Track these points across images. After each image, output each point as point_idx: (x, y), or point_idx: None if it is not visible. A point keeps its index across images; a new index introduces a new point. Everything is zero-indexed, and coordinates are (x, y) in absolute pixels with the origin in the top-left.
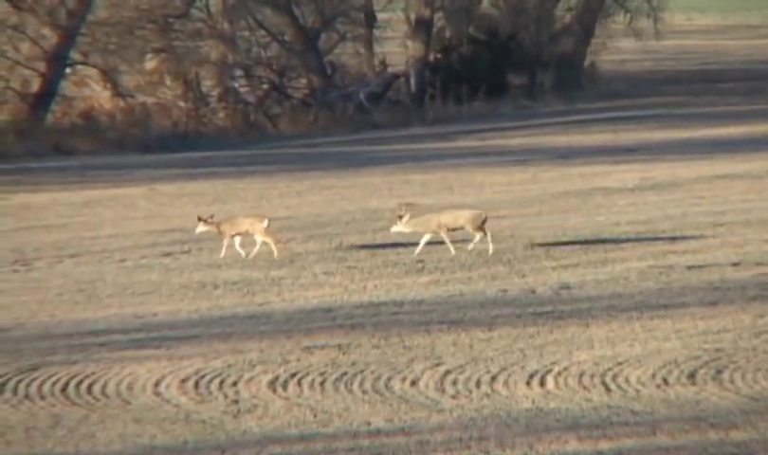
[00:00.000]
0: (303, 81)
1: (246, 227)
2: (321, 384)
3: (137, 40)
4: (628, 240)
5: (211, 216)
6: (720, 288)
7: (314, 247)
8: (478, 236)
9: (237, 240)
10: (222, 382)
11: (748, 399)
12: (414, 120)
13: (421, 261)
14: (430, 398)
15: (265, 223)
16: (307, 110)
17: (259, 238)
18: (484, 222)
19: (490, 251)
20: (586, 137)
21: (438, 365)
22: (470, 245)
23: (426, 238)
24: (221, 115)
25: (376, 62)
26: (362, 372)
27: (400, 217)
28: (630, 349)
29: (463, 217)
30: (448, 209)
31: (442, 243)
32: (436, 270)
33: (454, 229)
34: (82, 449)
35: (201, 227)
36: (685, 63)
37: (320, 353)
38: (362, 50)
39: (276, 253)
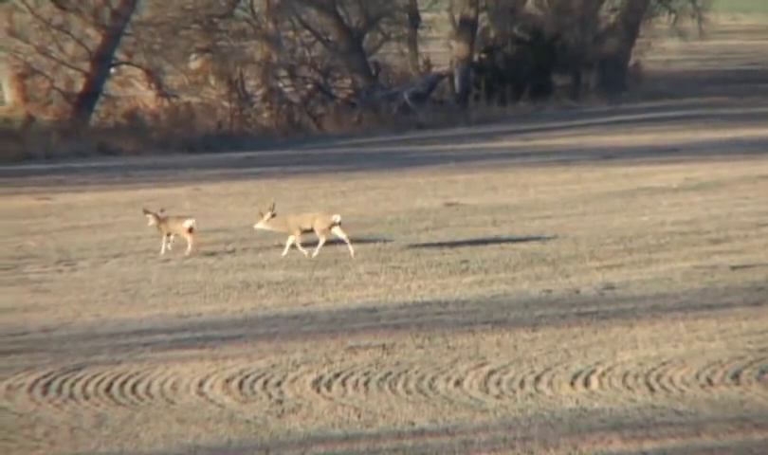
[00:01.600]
0: (348, 81)
1: (172, 227)
2: (365, 384)
3: (182, 40)
4: (672, 240)
5: (162, 210)
6: (764, 288)
7: (358, 247)
8: (322, 240)
9: (171, 238)
10: (266, 382)
11: None
12: (459, 121)
13: (465, 261)
14: (474, 398)
15: (186, 223)
16: (351, 110)
17: (187, 236)
18: (333, 225)
19: (352, 253)
20: (630, 138)
21: (482, 365)
22: (315, 251)
23: (290, 239)
24: (265, 115)
25: (421, 62)
26: (406, 372)
27: (261, 214)
28: (674, 349)
29: (313, 219)
30: (305, 211)
31: (485, 243)
32: (480, 270)
33: (307, 231)
34: (127, 449)
35: (151, 221)
36: (729, 64)
37: (365, 353)
38: (406, 50)
39: (188, 252)
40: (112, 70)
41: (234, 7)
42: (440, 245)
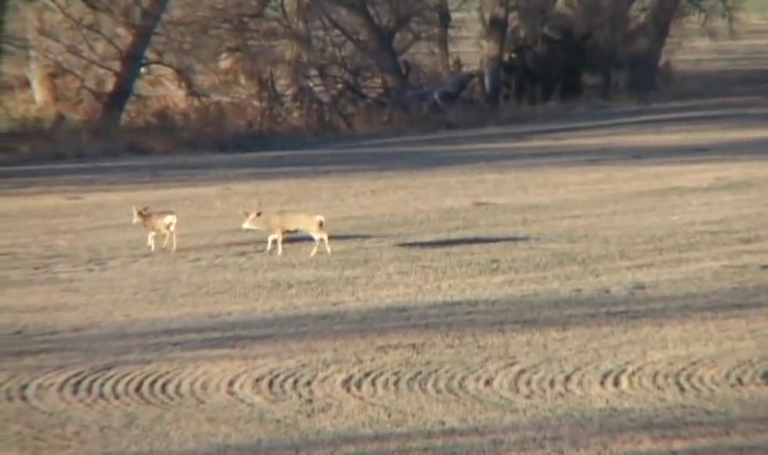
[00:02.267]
0: (378, 80)
1: (154, 223)
2: (395, 383)
3: (212, 39)
4: (702, 240)
5: (145, 208)
6: None
7: (388, 247)
8: (317, 237)
9: (152, 234)
10: (296, 381)
11: None
12: (489, 120)
13: (495, 260)
14: (504, 398)
15: (167, 219)
16: (382, 110)
17: (164, 231)
18: (319, 225)
19: (312, 254)
20: (660, 137)
21: (512, 364)
22: (313, 251)
23: (272, 237)
24: (295, 114)
25: (451, 61)
26: (436, 371)
27: (247, 214)
28: (704, 348)
29: (299, 221)
30: (290, 211)
31: (515, 242)
32: (510, 270)
33: (291, 231)
34: (157, 448)
35: (136, 219)
36: (759, 63)
37: (394, 352)
38: (437, 50)
39: (174, 247)
40: (142, 70)
41: (264, 6)
42: (470, 244)
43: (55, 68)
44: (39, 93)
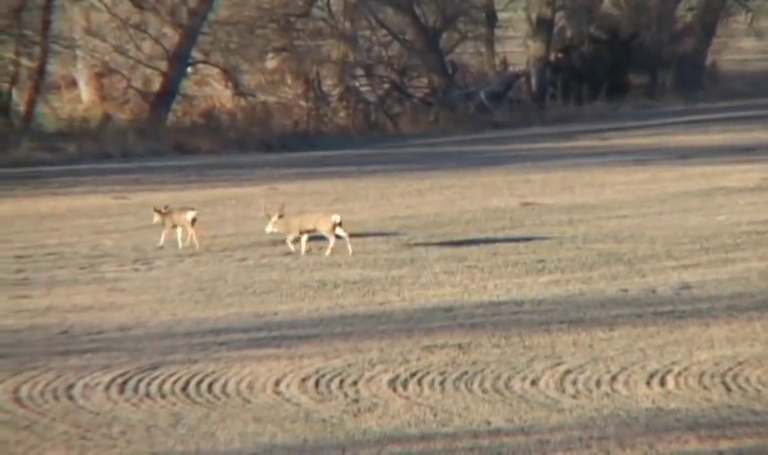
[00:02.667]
0: (424, 80)
1: (176, 220)
2: (441, 383)
3: (259, 39)
4: (748, 240)
5: (166, 207)
6: None
7: (434, 247)
8: (332, 239)
9: (179, 231)
10: (342, 381)
11: None
12: (535, 120)
13: (542, 260)
14: (550, 398)
15: (188, 215)
16: (428, 109)
17: (188, 228)
18: (335, 224)
19: (350, 252)
20: (707, 137)
21: (558, 364)
22: (327, 250)
23: (304, 239)
24: (342, 114)
25: (497, 61)
26: (482, 371)
27: (269, 217)
28: (750, 348)
29: (316, 220)
30: (309, 212)
31: (561, 242)
32: (556, 270)
33: (310, 231)
34: (203, 448)
35: (156, 218)
36: None
37: (441, 352)
38: (483, 50)
39: (197, 245)
40: (189, 69)
41: (311, 6)
42: (516, 244)
43: (102, 68)
44: (86, 93)
